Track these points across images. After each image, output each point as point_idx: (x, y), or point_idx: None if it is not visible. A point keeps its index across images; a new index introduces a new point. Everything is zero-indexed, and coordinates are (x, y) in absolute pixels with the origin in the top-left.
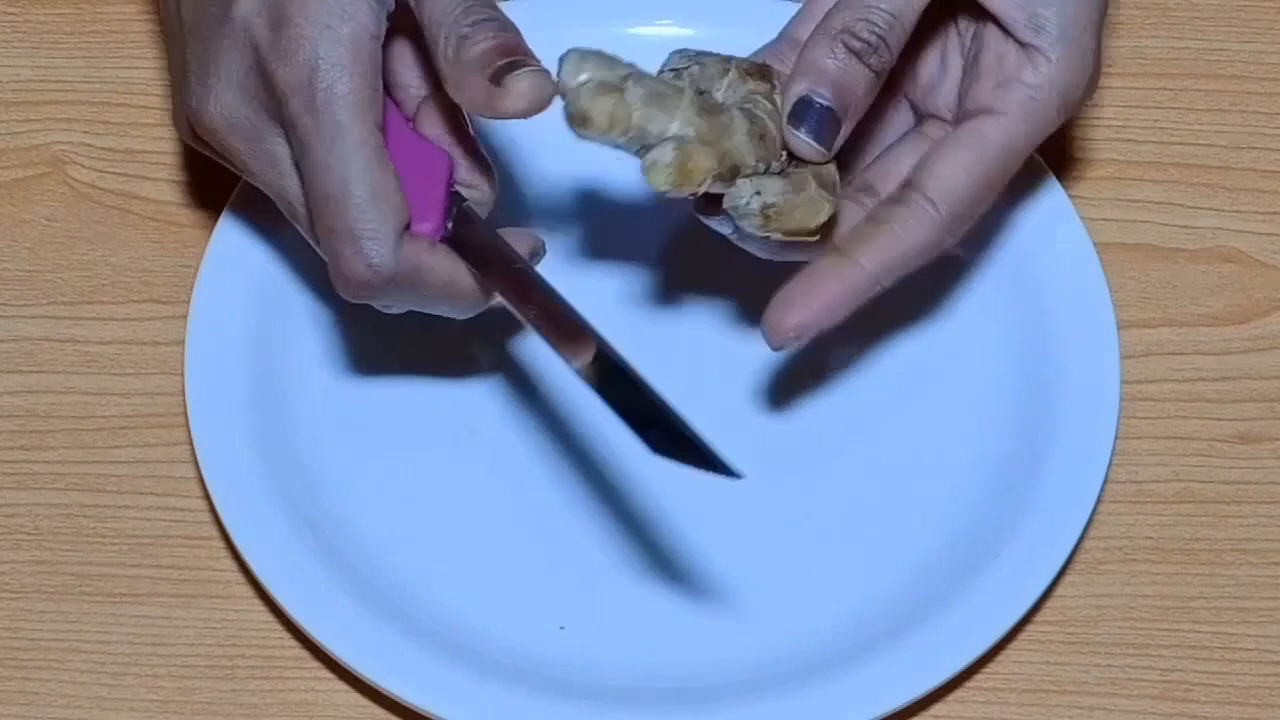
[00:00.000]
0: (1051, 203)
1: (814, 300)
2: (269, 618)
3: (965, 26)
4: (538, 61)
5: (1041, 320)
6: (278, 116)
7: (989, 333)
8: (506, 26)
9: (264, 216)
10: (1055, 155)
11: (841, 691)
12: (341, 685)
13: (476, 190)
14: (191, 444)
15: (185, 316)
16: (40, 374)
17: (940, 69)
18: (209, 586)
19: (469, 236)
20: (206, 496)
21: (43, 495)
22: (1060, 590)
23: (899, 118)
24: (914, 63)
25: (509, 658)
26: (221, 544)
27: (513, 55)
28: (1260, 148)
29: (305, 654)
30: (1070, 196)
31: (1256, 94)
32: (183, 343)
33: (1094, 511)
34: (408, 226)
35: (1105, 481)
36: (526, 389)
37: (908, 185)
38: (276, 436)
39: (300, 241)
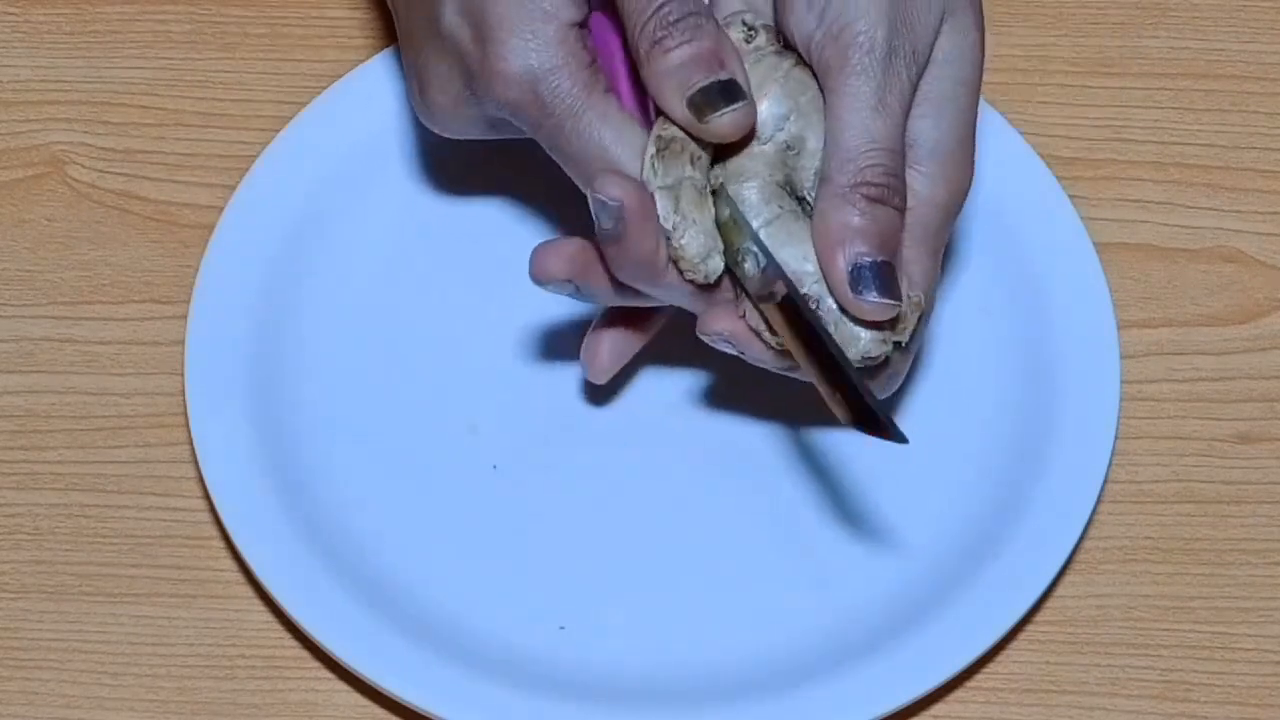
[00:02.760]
0: (1051, 203)
1: (733, 319)
2: (269, 618)
3: None
4: (738, 73)
5: (1041, 320)
6: (500, 116)
7: (989, 332)
8: (703, 26)
9: (264, 217)
10: (1056, 154)
11: (841, 691)
12: (342, 685)
13: None
14: (191, 444)
15: (185, 316)
16: (40, 374)
17: None
18: (209, 586)
19: None
20: (206, 496)
21: (43, 495)
22: (1060, 590)
23: None
24: None
25: (509, 658)
26: (221, 544)
27: (713, 70)
28: (1260, 148)
29: (305, 654)
30: (1070, 196)
31: (1256, 94)
32: (183, 343)
33: (1094, 511)
34: None
35: (1105, 481)
36: (526, 389)
37: None
38: (276, 436)
39: (299, 241)
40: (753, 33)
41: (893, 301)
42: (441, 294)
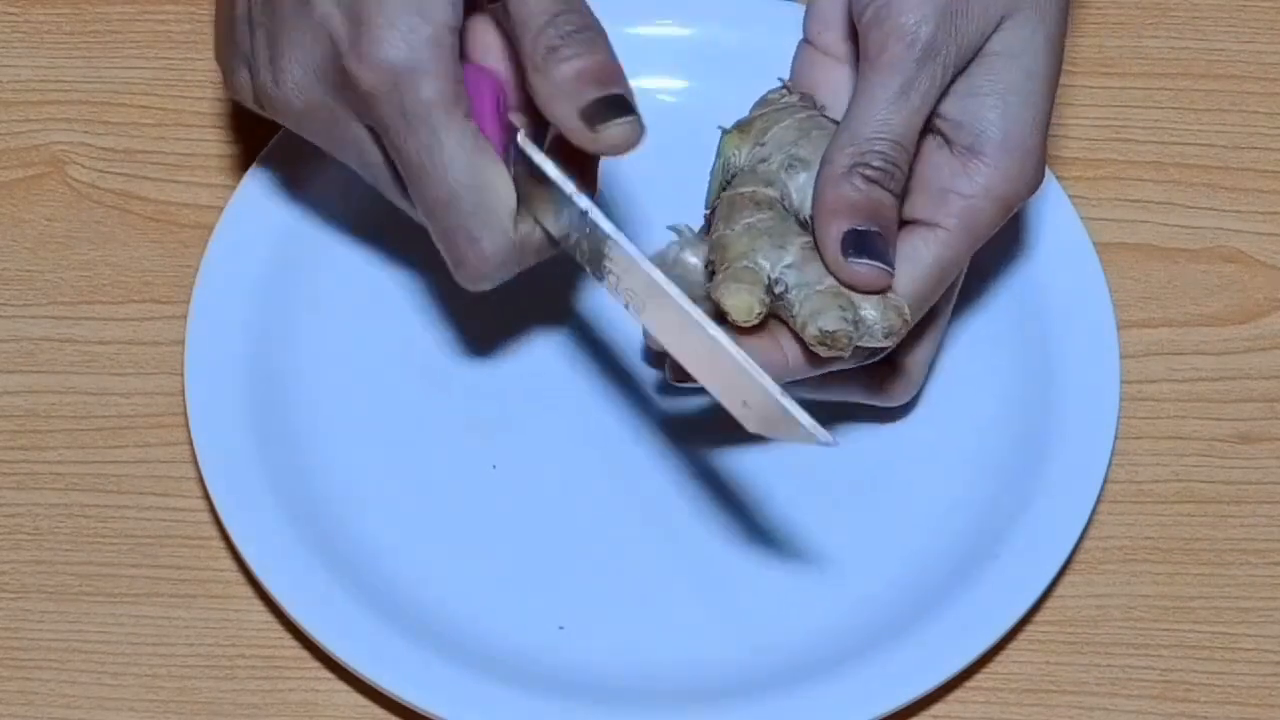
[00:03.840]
0: (1051, 203)
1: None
2: (269, 618)
3: None
4: (629, 92)
5: (1041, 320)
6: (359, 109)
7: (989, 332)
8: (598, 41)
9: (264, 217)
10: (1056, 155)
11: (841, 691)
12: (341, 685)
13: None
14: (191, 444)
15: (185, 316)
16: (40, 374)
17: None
18: (209, 586)
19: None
20: (206, 496)
21: (43, 495)
22: (1060, 590)
23: None
24: None
25: (509, 658)
26: (221, 544)
27: (606, 84)
28: (1260, 148)
29: (305, 654)
30: (1070, 196)
31: (1256, 94)
32: (183, 343)
33: (1094, 511)
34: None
35: (1105, 481)
36: (527, 388)
37: None
38: (276, 436)
39: (299, 241)
40: (787, 91)
41: (883, 266)
42: (442, 293)
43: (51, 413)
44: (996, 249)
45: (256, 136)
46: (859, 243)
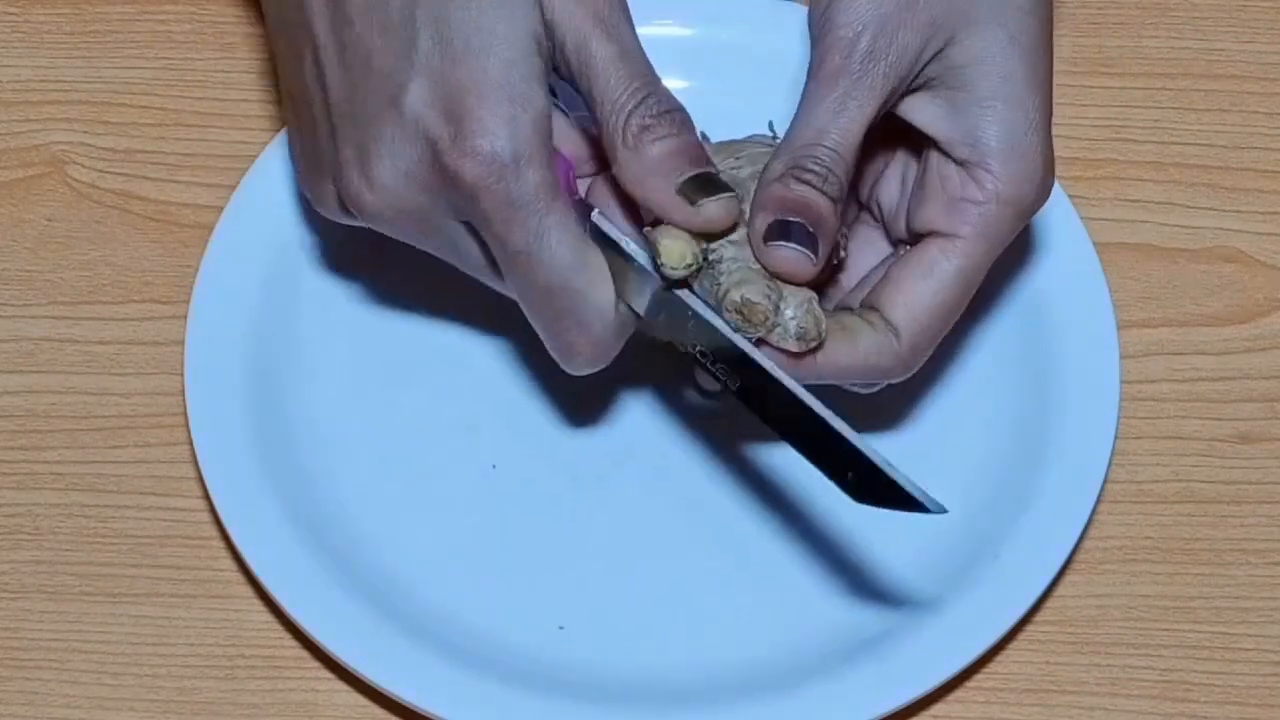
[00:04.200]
0: (1051, 203)
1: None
2: (269, 618)
3: (909, 152)
4: (718, 170)
5: (1041, 320)
6: (455, 205)
7: (989, 332)
8: (686, 122)
9: (264, 217)
10: (1056, 155)
11: (841, 691)
12: (341, 685)
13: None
14: (191, 444)
15: (185, 316)
16: (40, 374)
17: (900, 194)
18: (209, 586)
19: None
20: (206, 496)
21: (43, 495)
22: (1060, 590)
23: (873, 247)
24: (877, 191)
25: (509, 658)
26: (221, 544)
27: (699, 164)
28: (1260, 148)
29: (305, 654)
30: (1070, 196)
31: (1256, 94)
32: (183, 343)
33: (1094, 511)
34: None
35: (1105, 481)
36: (527, 389)
37: (871, 306)
38: (276, 436)
39: (299, 242)
40: (775, 138)
41: (808, 253)
42: (442, 294)
43: (51, 413)
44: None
45: (257, 137)
46: (782, 230)
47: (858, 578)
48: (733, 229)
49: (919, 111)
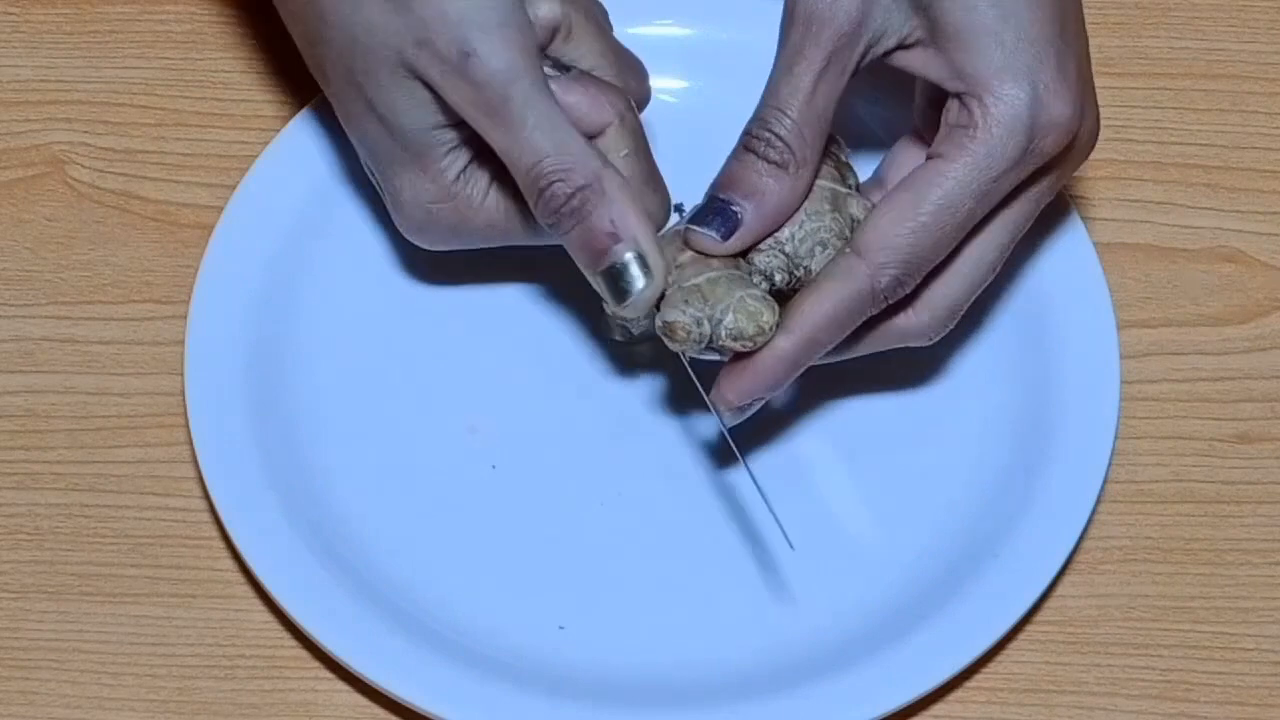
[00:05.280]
0: (1052, 203)
1: (748, 371)
2: (269, 618)
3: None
4: (639, 247)
5: (1041, 320)
6: (446, 113)
7: (989, 332)
8: (590, 201)
9: (264, 217)
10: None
11: (841, 691)
12: (341, 685)
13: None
14: (191, 444)
15: (185, 316)
16: (40, 374)
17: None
18: (209, 586)
19: None
20: (206, 496)
21: (43, 495)
22: (1060, 590)
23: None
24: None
25: (509, 658)
26: (221, 544)
27: (604, 258)
28: (1260, 148)
29: (305, 654)
30: (1070, 196)
31: (1256, 94)
32: (183, 343)
33: (1094, 511)
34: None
35: (1105, 481)
36: (526, 388)
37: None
38: (276, 436)
39: (299, 242)
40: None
41: (713, 235)
42: (441, 293)
43: (51, 413)
44: None
45: (257, 137)
46: (708, 209)
47: (858, 578)
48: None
49: (916, 62)
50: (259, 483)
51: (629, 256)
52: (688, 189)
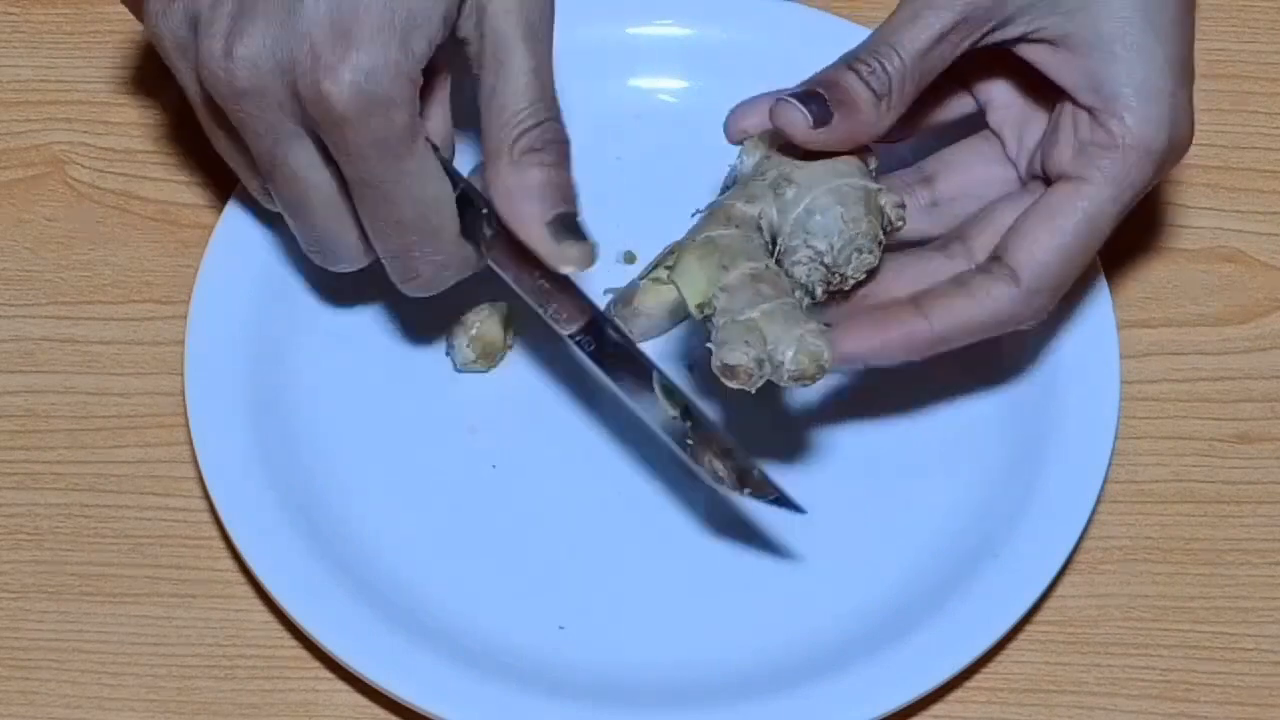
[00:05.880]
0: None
1: (872, 337)
2: (269, 618)
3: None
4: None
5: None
6: (311, 117)
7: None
8: (568, 157)
9: (264, 216)
10: None
11: (841, 691)
12: (342, 685)
13: None
14: (191, 444)
15: (185, 316)
16: (40, 374)
17: (1042, 136)
18: (209, 586)
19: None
20: (206, 496)
21: (43, 495)
22: (1060, 590)
23: (1000, 178)
24: (1018, 129)
25: (509, 658)
26: (221, 544)
27: (569, 204)
28: (1260, 148)
29: (305, 654)
30: None
31: (1256, 94)
32: (183, 343)
33: (1094, 511)
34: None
35: (1105, 481)
36: (526, 389)
37: (994, 256)
38: (276, 436)
39: (300, 241)
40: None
41: (803, 110)
42: (442, 294)
43: (51, 413)
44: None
45: None
46: (800, 95)
47: (858, 578)
48: (726, 268)
49: (1044, 60)
50: (259, 483)
51: (578, 214)
52: (688, 189)
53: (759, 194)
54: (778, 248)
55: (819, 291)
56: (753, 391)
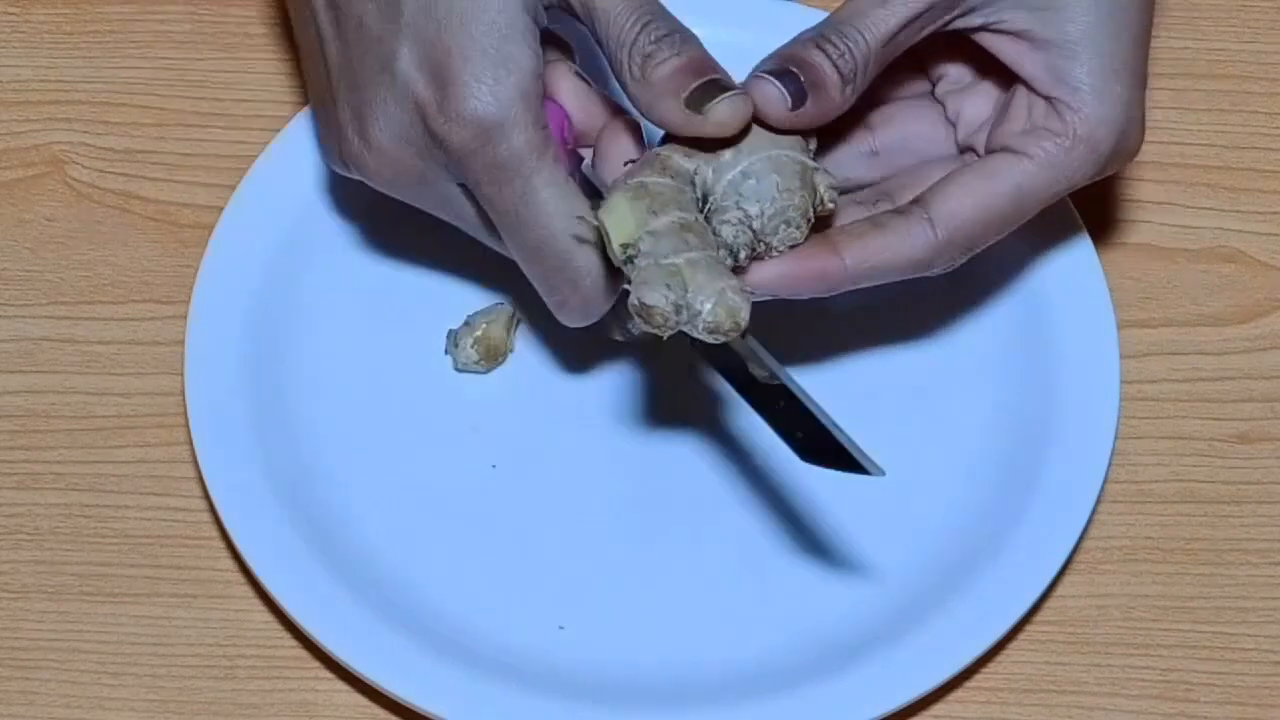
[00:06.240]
0: (1051, 204)
1: (784, 267)
2: (269, 618)
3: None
4: (729, 78)
5: (1041, 320)
6: (449, 167)
7: (989, 332)
8: (689, 40)
9: (264, 217)
10: None
11: (841, 691)
12: (341, 685)
13: None
14: (191, 444)
15: (185, 316)
16: (40, 374)
17: (990, 115)
18: (209, 586)
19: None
20: (206, 496)
21: (43, 495)
22: (1060, 590)
23: (940, 138)
24: (961, 103)
25: (509, 658)
26: (221, 544)
27: (704, 74)
28: (1260, 148)
29: (305, 654)
30: (1070, 196)
31: (1256, 94)
32: (183, 343)
33: (1094, 511)
34: None
35: (1105, 481)
36: (527, 388)
37: (916, 201)
38: (276, 436)
39: (299, 241)
40: None
41: (785, 92)
42: (442, 293)
43: (51, 413)
44: (996, 249)
45: (257, 137)
46: (776, 74)
47: (858, 578)
48: (656, 213)
49: (1003, 49)
50: (259, 483)
51: (717, 76)
52: None
53: (697, 150)
54: (708, 206)
55: (742, 255)
56: (664, 337)
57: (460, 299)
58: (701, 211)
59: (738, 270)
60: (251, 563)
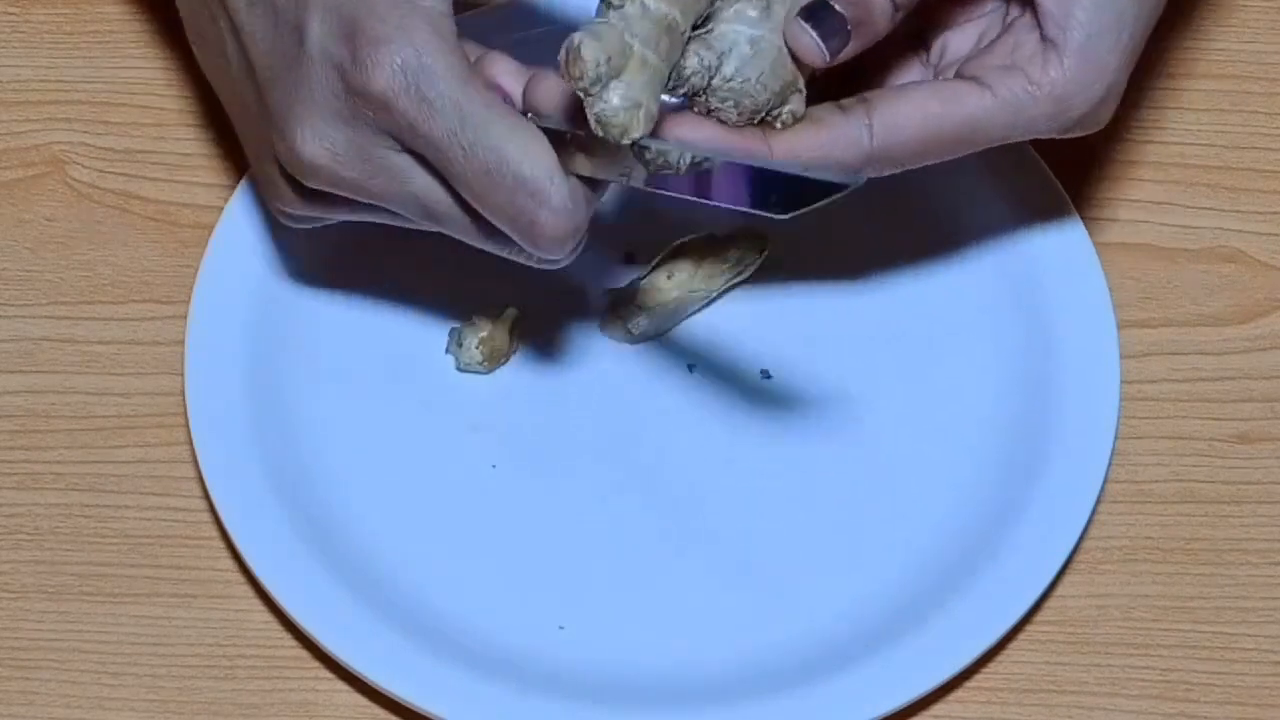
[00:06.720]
0: (1051, 202)
1: (712, 133)
2: (269, 618)
3: (1002, 12)
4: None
5: (1041, 320)
6: (385, 127)
7: (989, 332)
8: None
9: (264, 216)
10: (1056, 154)
11: (841, 691)
12: (341, 685)
13: None
14: (191, 444)
15: (185, 316)
16: (40, 374)
17: (972, 50)
18: (209, 586)
19: None
20: (206, 496)
21: (43, 495)
22: (1060, 590)
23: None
24: (946, 37)
25: (509, 658)
26: (221, 544)
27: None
28: (1260, 148)
29: (305, 654)
30: (1070, 196)
31: (1256, 94)
32: (183, 343)
33: (1094, 511)
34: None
35: (1105, 481)
36: (527, 388)
37: (862, 99)
38: (276, 436)
39: (300, 241)
40: None
41: (822, 50)
42: (442, 293)
43: (51, 413)
44: (996, 248)
45: None
46: (819, 12)
47: (858, 578)
48: (672, 7)
49: None
50: (259, 483)
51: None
52: None
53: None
54: (708, 24)
55: (682, 91)
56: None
57: (461, 299)
58: (683, 36)
59: (670, 107)
60: (251, 563)
